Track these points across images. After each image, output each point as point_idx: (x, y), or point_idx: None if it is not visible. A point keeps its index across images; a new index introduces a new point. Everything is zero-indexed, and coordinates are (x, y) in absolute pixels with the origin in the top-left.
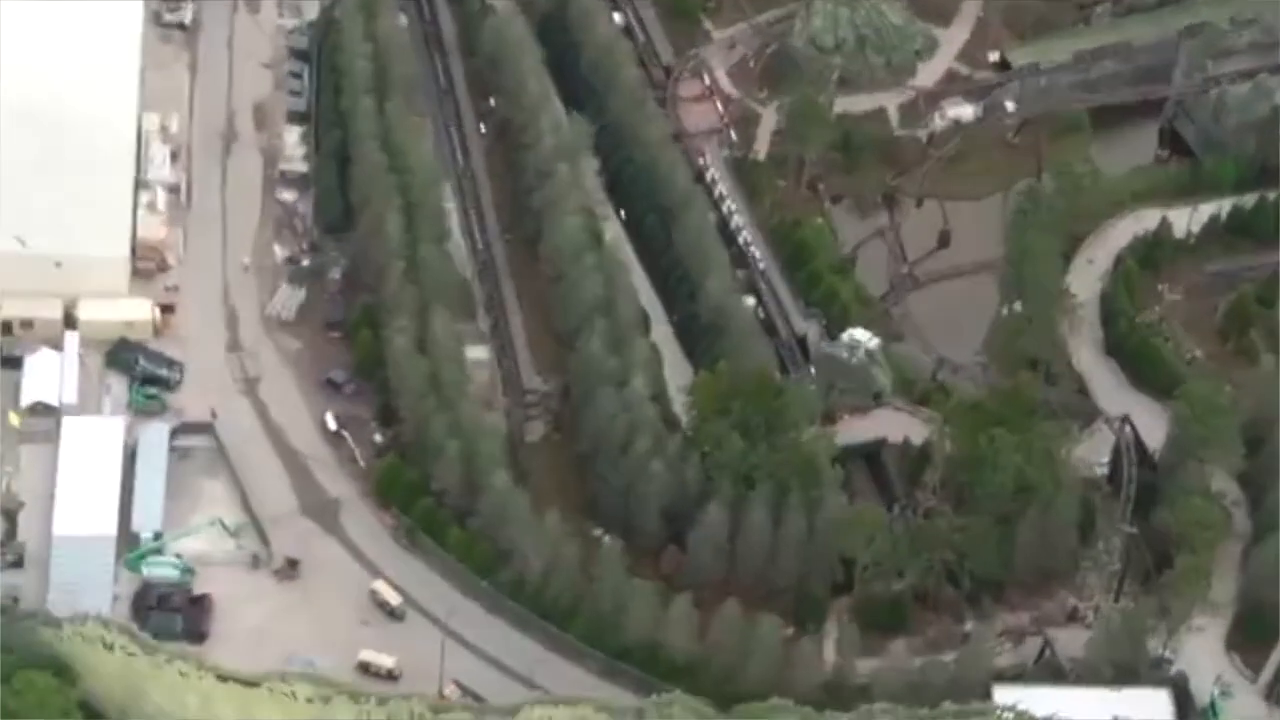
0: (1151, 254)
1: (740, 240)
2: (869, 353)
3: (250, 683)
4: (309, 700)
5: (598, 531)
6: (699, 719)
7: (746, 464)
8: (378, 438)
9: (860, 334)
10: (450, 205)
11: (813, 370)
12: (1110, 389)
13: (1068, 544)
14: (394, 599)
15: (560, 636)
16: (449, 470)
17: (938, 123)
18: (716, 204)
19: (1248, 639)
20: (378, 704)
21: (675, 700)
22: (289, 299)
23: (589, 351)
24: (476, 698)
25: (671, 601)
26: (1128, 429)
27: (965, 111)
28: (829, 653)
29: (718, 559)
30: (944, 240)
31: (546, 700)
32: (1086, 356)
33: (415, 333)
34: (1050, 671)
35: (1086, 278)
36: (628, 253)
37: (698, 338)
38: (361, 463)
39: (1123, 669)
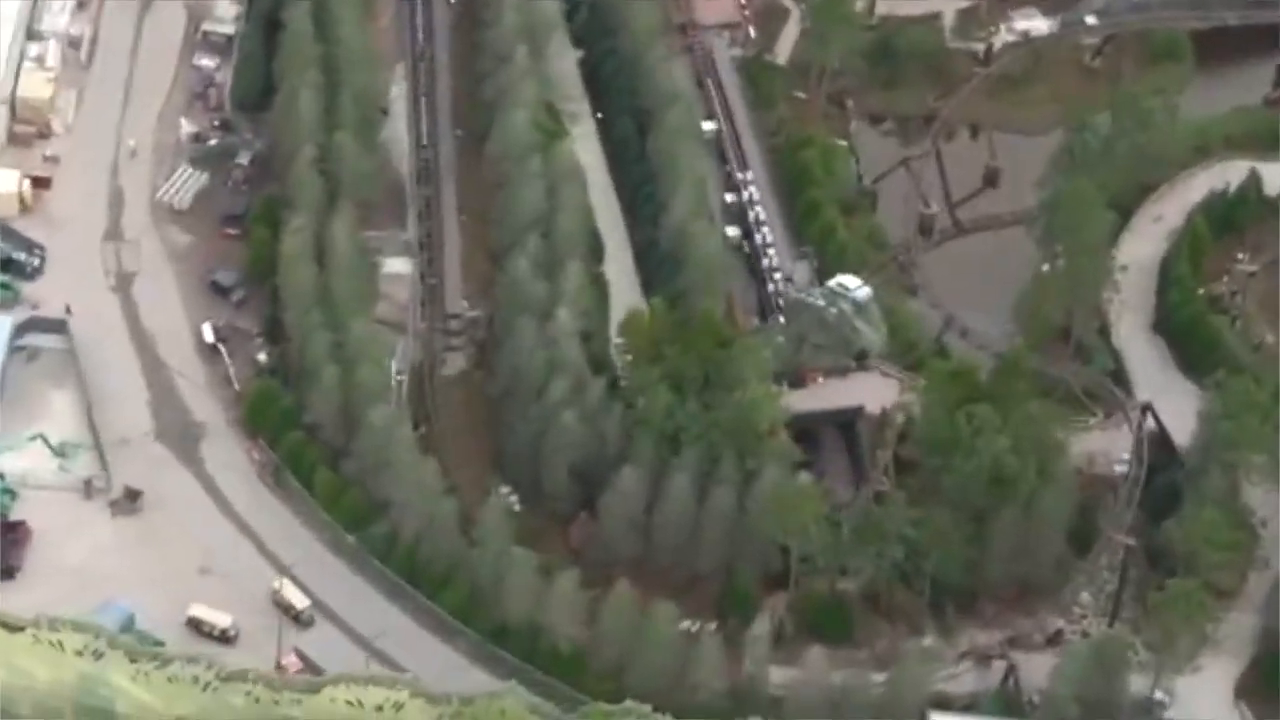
0: (1231, 214)
1: (733, 159)
2: (856, 305)
3: (14, 626)
4: (78, 653)
5: (504, 490)
6: (535, 716)
7: (672, 422)
8: (261, 356)
9: (849, 281)
10: (399, 90)
11: (782, 319)
12: (1151, 372)
13: (1054, 552)
14: (299, 602)
15: (430, 609)
16: (324, 400)
17: (1003, 35)
18: (717, 113)
19: (1264, 687)
20: (159, 665)
21: (509, 693)
22: (186, 184)
23: (514, 273)
24: (317, 671)
25: (556, 577)
26: (1149, 420)
27: (1038, 24)
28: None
29: (632, 534)
30: (991, 179)
31: (354, 679)
32: (1129, 331)
33: (316, 234)
34: (1005, 704)
35: (1149, 238)
36: (595, 163)
37: (655, 268)
38: (236, 384)
39: (1094, 708)
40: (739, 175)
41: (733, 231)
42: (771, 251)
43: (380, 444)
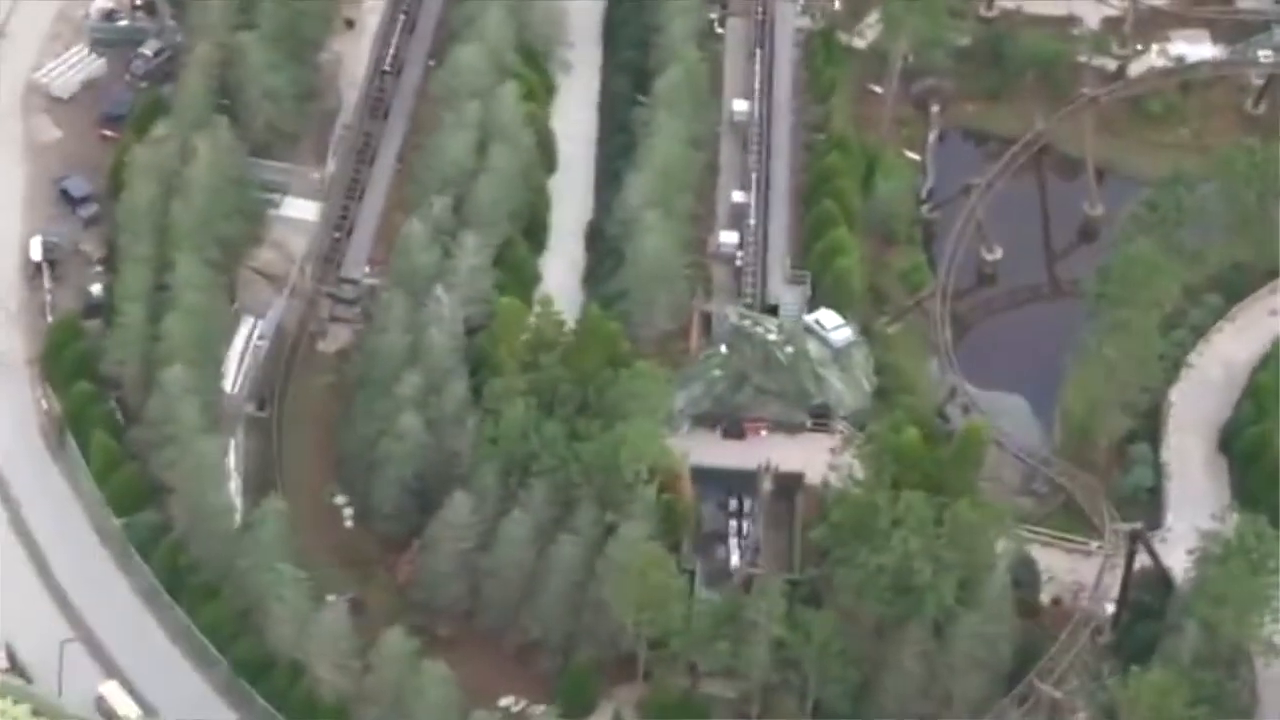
0: None
1: (756, 148)
2: (828, 348)
3: None
4: None
5: (339, 500)
6: None
7: (526, 446)
8: (95, 288)
9: (828, 319)
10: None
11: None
12: (1196, 497)
13: (972, 695)
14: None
15: (188, 626)
16: (123, 347)
17: (1151, 57)
18: (755, 91)
19: None
20: None
21: None
22: (75, 68)
23: (406, 238)
24: (26, 677)
25: (323, 608)
26: (1138, 550)
27: (1201, 50)
28: None
29: (460, 577)
30: (1088, 232)
31: None
32: (1188, 443)
33: (186, 146)
34: None
35: (1251, 335)
36: (582, 129)
37: (597, 261)
38: (49, 316)
39: None
40: (754, 170)
41: (728, 237)
42: (754, 266)
43: (168, 411)
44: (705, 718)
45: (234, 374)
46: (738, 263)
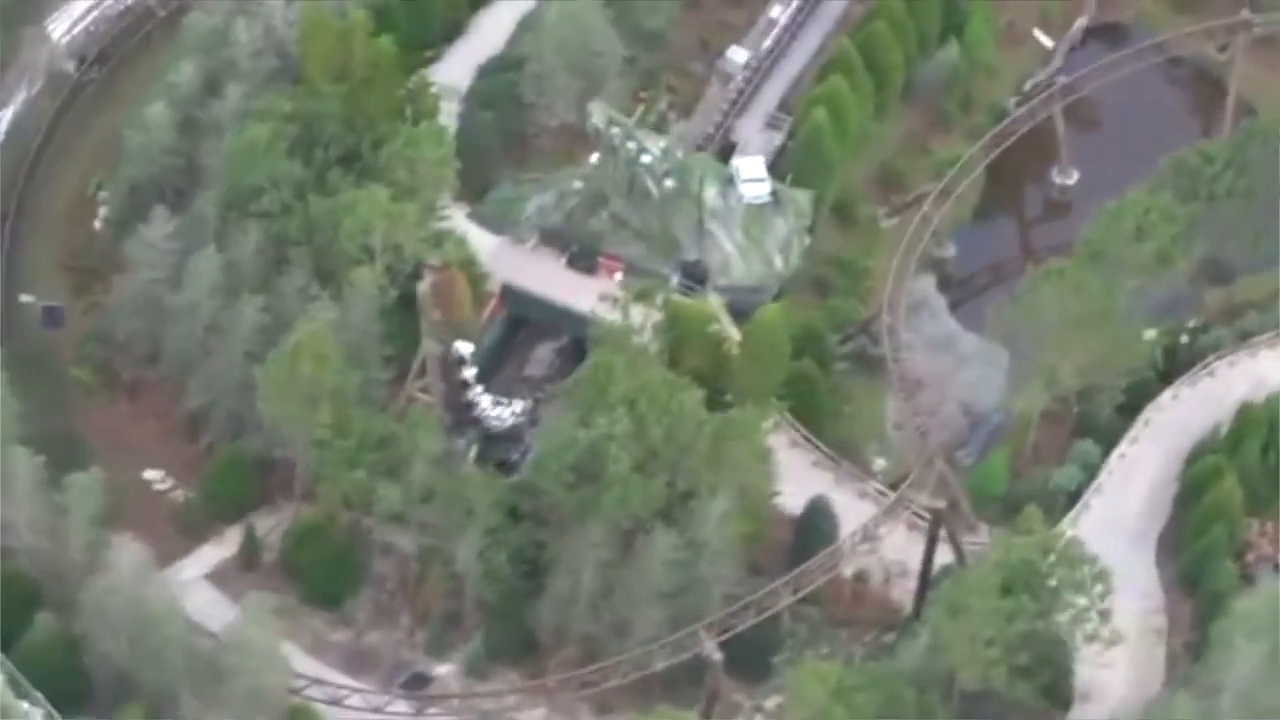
0: None
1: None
2: (735, 200)
3: None
4: None
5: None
6: None
7: (249, 180)
8: None
9: (750, 167)
10: None
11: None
12: (1111, 521)
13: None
14: None
15: None
16: None
17: None
18: None
19: None
20: None
21: None
22: None
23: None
24: None
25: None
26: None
27: None
28: None
29: (142, 314)
30: None
31: None
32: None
33: None
34: None
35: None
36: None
37: None
38: None
39: None
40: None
41: (736, 54)
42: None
43: None
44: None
45: None
46: (731, 86)
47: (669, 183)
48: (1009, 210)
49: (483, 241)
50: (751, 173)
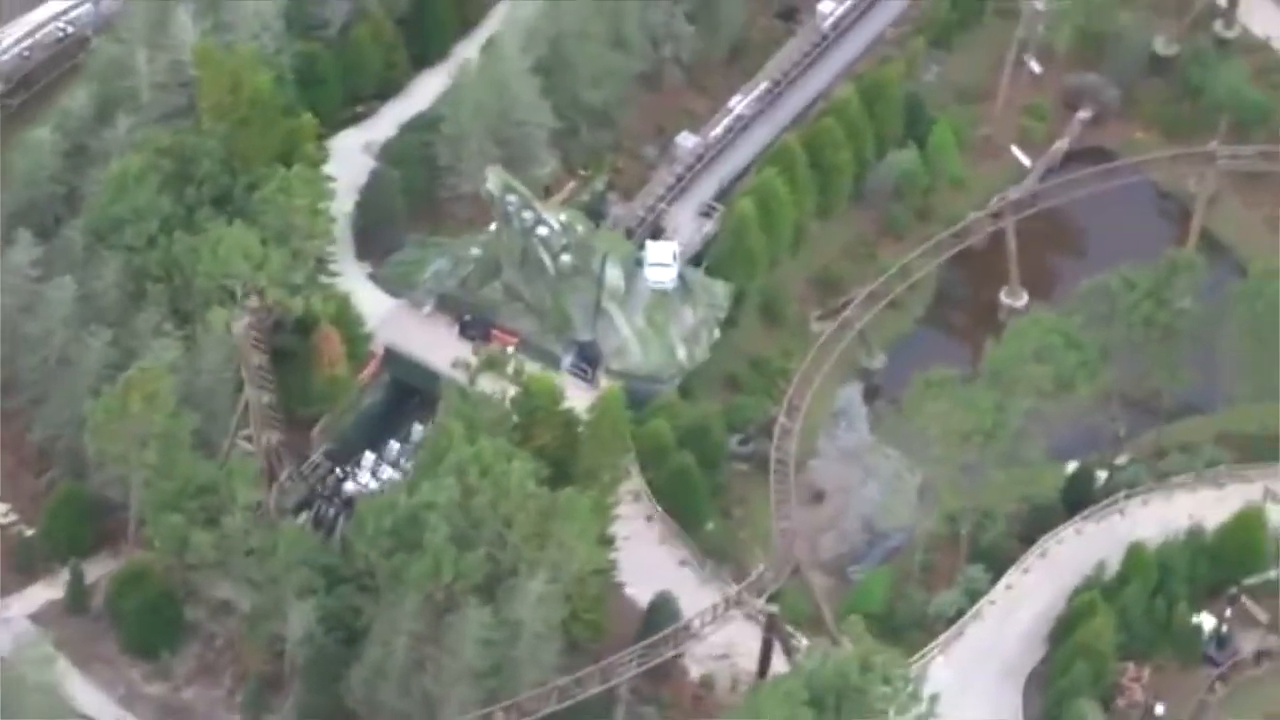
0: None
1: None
2: (653, 292)
3: None
4: None
5: None
6: None
7: (114, 210)
8: None
9: (659, 251)
10: None
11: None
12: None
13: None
14: None
15: None
16: None
17: None
18: None
19: None
20: None
21: None
22: None
23: None
24: None
25: None
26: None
27: None
28: None
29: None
30: None
31: None
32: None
33: None
34: None
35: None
36: None
37: None
38: None
39: None
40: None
41: (686, 139)
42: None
43: None
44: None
45: None
46: (675, 168)
47: (566, 258)
48: (953, 327)
49: (379, 303)
50: (658, 257)
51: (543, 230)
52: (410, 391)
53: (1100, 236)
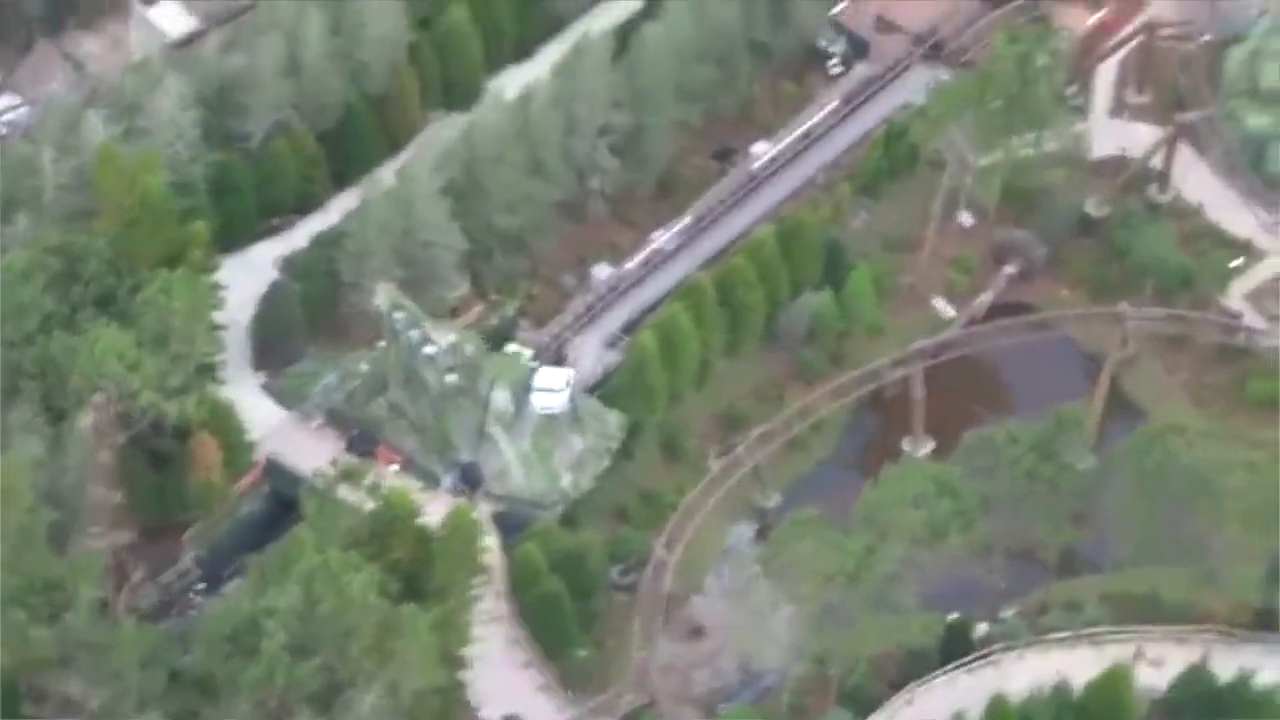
0: None
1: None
2: (541, 417)
3: None
4: None
5: None
6: None
7: None
8: None
9: (546, 378)
10: None
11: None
12: None
13: None
14: None
15: None
16: None
17: None
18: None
19: None
20: None
21: None
22: None
23: None
24: None
25: None
26: None
27: None
28: None
29: None
30: None
31: None
32: None
33: None
34: None
35: None
36: None
37: None
38: None
39: None
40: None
41: (601, 271)
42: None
43: None
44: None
45: None
46: (587, 297)
47: (452, 378)
48: (855, 472)
49: (270, 414)
50: (548, 383)
51: (429, 349)
52: (291, 504)
53: (1018, 391)
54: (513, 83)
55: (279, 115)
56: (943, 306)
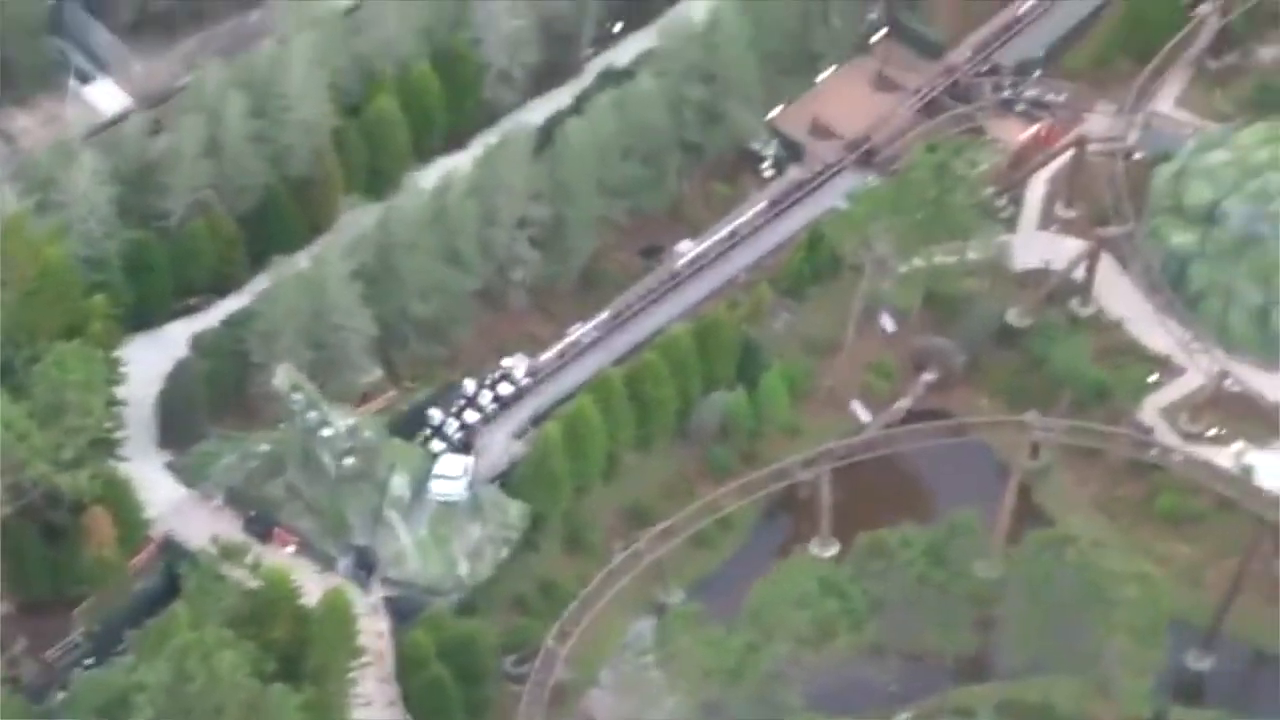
0: None
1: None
2: (439, 503)
3: None
4: None
5: None
6: None
7: None
8: None
9: (446, 465)
10: None
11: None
12: None
13: None
14: None
15: None
16: None
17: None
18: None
19: None
20: None
21: None
22: None
23: None
24: None
25: None
26: None
27: None
28: None
29: None
30: None
31: None
32: None
33: None
34: None
35: None
36: None
37: None
38: None
39: None
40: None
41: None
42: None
43: None
44: None
45: None
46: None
47: (349, 461)
48: (760, 570)
49: (171, 491)
50: (447, 470)
51: (326, 432)
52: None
53: (933, 497)
54: (441, 173)
55: (198, 195)
56: (860, 410)
